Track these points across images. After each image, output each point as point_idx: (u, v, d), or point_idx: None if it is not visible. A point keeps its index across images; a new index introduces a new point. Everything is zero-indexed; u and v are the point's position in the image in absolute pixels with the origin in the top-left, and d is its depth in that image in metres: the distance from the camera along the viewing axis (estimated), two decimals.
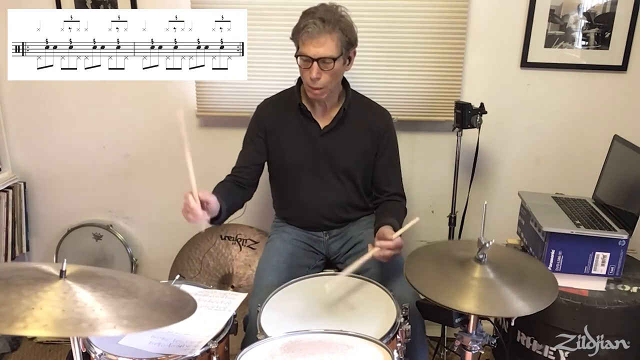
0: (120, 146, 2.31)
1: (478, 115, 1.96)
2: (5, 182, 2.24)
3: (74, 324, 0.93)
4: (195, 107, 2.22)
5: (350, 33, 1.63)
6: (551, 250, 1.67)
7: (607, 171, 1.89)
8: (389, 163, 1.84)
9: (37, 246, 2.45)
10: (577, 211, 1.78)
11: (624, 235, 1.62)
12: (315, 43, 1.58)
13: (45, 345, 2.33)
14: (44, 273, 1.06)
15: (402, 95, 2.13)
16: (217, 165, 1.82)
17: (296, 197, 1.84)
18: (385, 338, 1.32)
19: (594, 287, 1.66)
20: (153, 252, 2.45)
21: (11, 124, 2.30)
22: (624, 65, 2.06)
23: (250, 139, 1.83)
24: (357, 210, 1.88)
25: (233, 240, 2.27)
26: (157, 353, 1.27)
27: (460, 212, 2.15)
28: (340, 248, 1.87)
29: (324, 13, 1.59)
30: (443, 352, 2.22)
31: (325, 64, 1.60)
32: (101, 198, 2.38)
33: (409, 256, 1.40)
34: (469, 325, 1.31)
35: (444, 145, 2.20)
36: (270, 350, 1.24)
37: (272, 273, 1.71)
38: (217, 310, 1.44)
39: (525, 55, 2.08)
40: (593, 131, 2.15)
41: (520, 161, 2.24)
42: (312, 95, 1.70)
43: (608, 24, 2.01)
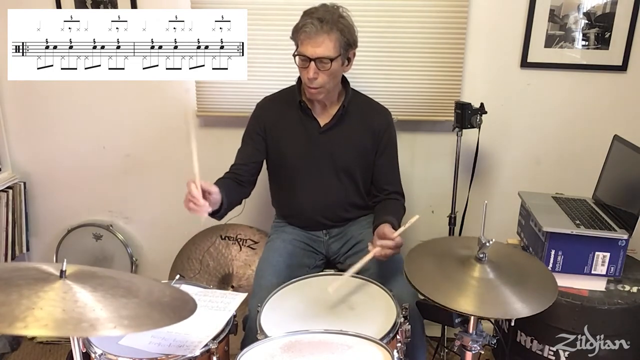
0: (120, 146, 2.31)
1: (478, 115, 1.96)
2: (5, 182, 2.24)
3: (74, 324, 0.93)
4: (195, 107, 2.22)
5: (349, 34, 1.63)
6: (551, 250, 1.67)
7: (607, 171, 1.89)
8: (388, 161, 1.84)
9: (37, 246, 2.45)
10: (577, 211, 1.78)
11: (624, 235, 1.62)
12: (313, 43, 1.58)
13: (45, 345, 2.33)
14: (44, 273, 1.06)
15: (402, 95, 2.13)
16: (217, 165, 1.82)
17: (295, 195, 1.84)
18: (385, 338, 1.32)
19: (594, 287, 1.66)
20: (153, 252, 2.45)
21: (11, 124, 2.30)
22: (624, 65, 2.06)
23: (249, 136, 1.83)
24: (357, 209, 1.88)
25: (233, 240, 2.27)
26: (157, 353, 1.27)
27: (460, 212, 2.15)
28: (340, 248, 1.87)
29: (324, 13, 1.59)
30: (443, 352, 2.22)
31: (323, 64, 1.60)
32: (101, 198, 2.38)
33: (410, 252, 1.40)
34: (469, 325, 1.31)
35: (444, 145, 2.20)
36: (270, 350, 1.24)
37: (272, 273, 1.71)
38: (217, 310, 1.44)
39: (525, 55, 2.08)
40: (593, 131, 2.15)
41: (520, 161, 2.24)
42: (310, 95, 1.70)
43: (608, 24, 2.01)
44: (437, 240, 1.53)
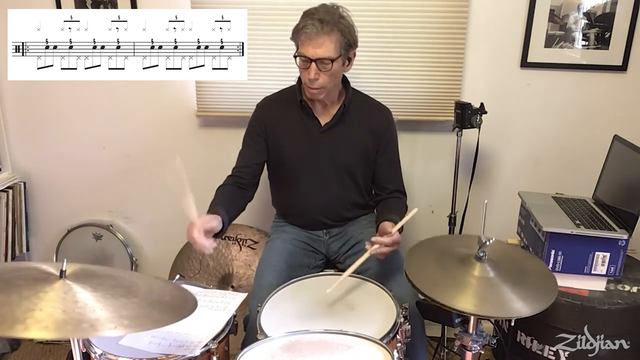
0: (120, 146, 2.31)
1: (478, 115, 1.96)
2: (5, 182, 2.24)
3: (74, 325, 0.93)
4: (195, 107, 2.22)
5: (349, 34, 1.63)
6: (551, 250, 1.67)
7: (607, 171, 1.89)
8: (390, 160, 1.84)
9: (37, 246, 2.45)
10: (577, 211, 1.78)
11: (624, 235, 1.62)
12: (314, 44, 1.58)
13: (45, 345, 2.33)
14: (44, 273, 1.06)
15: (402, 95, 2.13)
16: (217, 165, 1.82)
17: (296, 194, 1.84)
18: (385, 338, 1.32)
19: (594, 287, 1.66)
20: (153, 252, 2.45)
21: (11, 124, 2.30)
22: (624, 65, 2.06)
23: (250, 137, 1.82)
24: (358, 208, 1.88)
25: (233, 240, 2.27)
26: (157, 353, 1.27)
27: (460, 212, 2.15)
28: (340, 248, 1.87)
29: (324, 14, 1.59)
30: (443, 352, 2.22)
31: (324, 65, 1.60)
32: (101, 198, 2.38)
33: (410, 250, 1.40)
34: (469, 325, 1.31)
35: (444, 145, 2.20)
36: (270, 350, 1.24)
37: (272, 273, 1.70)
38: (217, 310, 1.44)
39: (525, 55, 2.08)
40: (593, 131, 2.15)
41: (520, 161, 2.24)
42: (310, 95, 1.70)
43: (608, 24, 2.01)
44: (437, 238, 1.52)
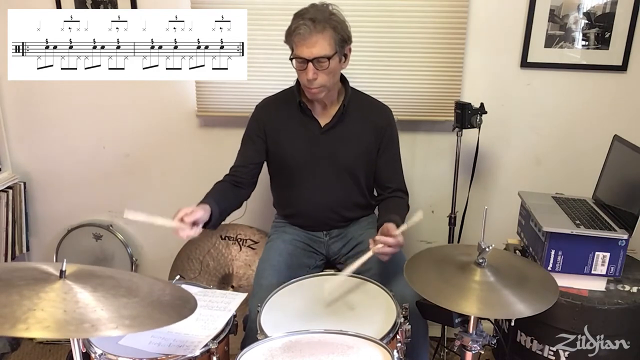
0: (120, 146, 2.31)
1: (478, 115, 1.96)
2: (5, 182, 2.23)
3: (76, 325, 0.93)
4: (195, 107, 2.22)
5: (342, 30, 1.62)
6: (551, 250, 1.67)
7: (607, 171, 1.89)
8: (391, 159, 1.83)
9: (37, 246, 2.45)
10: (577, 211, 1.78)
11: (624, 235, 1.62)
12: (308, 44, 1.57)
13: (45, 345, 2.34)
14: (44, 273, 1.06)
15: (402, 95, 2.13)
16: (216, 165, 1.82)
17: (297, 196, 1.84)
18: (385, 338, 1.32)
19: (594, 287, 1.66)
20: (153, 252, 2.45)
21: (11, 124, 2.30)
22: (624, 65, 2.06)
23: (249, 138, 1.82)
24: (360, 208, 1.88)
25: (233, 240, 2.27)
26: (157, 353, 1.27)
27: (460, 212, 2.15)
28: (341, 249, 1.87)
29: (314, 13, 1.58)
30: (443, 352, 2.22)
31: (321, 64, 1.60)
32: (101, 198, 2.38)
33: (409, 260, 1.40)
34: (469, 326, 1.31)
35: (444, 145, 2.21)
36: (270, 350, 1.24)
37: (272, 273, 1.70)
38: (217, 310, 1.44)
39: (525, 55, 2.08)
40: (593, 131, 2.15)
41: (520, 161, 2.24)
42: (311, 95, 1.69)
43: (608, 24, 2.01)
44: (435, 248, 1.53)
